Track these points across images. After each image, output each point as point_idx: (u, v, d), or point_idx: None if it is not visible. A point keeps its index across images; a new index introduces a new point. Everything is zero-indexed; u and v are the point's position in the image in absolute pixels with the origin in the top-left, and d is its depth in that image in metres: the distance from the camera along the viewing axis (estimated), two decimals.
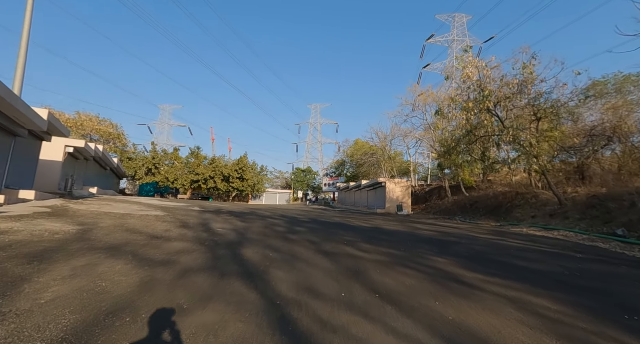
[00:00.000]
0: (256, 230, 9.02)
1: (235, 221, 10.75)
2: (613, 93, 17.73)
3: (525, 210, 14.74)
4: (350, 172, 55.48)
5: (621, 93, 17.44)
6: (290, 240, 7.42)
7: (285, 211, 20.39)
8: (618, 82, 17.75)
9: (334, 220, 14.27)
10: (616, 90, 17.59)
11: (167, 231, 7.15)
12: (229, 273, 4.20)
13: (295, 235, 8.46)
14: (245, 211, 16.17)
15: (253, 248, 6.11)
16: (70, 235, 5.52)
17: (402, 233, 10.25)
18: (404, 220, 17.14)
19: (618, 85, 17.58)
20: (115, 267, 3.95)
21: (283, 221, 12.34)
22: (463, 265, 5.46)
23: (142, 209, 11.98)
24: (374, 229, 11.16)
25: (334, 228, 10.73)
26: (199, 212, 13.11)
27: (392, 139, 34.26)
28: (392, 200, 27.33)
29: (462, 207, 21.54)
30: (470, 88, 14.45)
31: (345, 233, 9.36)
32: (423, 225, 13.45)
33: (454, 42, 71.65)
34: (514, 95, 13.12)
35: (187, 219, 10.10)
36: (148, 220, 8.70)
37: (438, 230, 11.64)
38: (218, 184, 40.38)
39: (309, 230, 9.74)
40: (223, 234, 7.59)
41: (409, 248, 7.08)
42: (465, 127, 14.41)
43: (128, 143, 40.18)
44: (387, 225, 13.09)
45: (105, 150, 21.89)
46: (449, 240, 8.69)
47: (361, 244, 7.39)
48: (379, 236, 8.98)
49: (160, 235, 6.60)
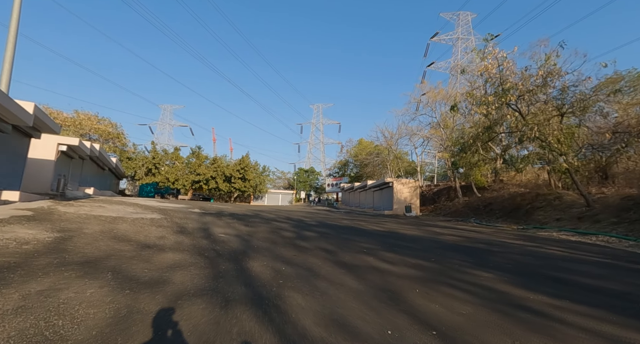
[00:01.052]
0: (262, 235, 8.10)
1: (239, 226, 9.83)
2: (627, 90, 16.62)
3: (548, 213, 13.74)
4: (354, 172, 54.50)
5: (635, 91, 16.33)
6: (302, 249, 6.49)
7: (290, 213, 19.47)
8: (632, 79, 16.67)
9: (344, 224, 13.33)
10: (630, 87, 16.48)
11: (161, 239, 6.23)
12: (235, 298, 3.27)
13: (306, 241, 7.53)
14: (248, 214, 15.25)
15: (261, 259, 5.19)
16: (43, 246, 4.61)
17: (422, 239, 9.29)
18: (417, 223, 16.17)
19: (633, 82, 16.48)
20: (86, 292, 3.02)
21: (289, 225, 11.42)
22: (515, 283, 4.51)
23: (138, 212, 11.07)
24: (390, 234, 10.21)
25: (346, 233, 9.79)
26: (199, 215, 12.20)
27: (399, 138, 33.29)
28: (400, 201, 26.35)
29: (475, 209, 20.54)
30: (489, 82, 13.49)
31: (361, 239, 8.43)
32: (440, 229, 12.49)
33: (459, 40, 70.72)
34: (538, 88, 12.15)
35: (186, 223, 9.19)
36: (141, 225, 7.79)
37: (459, 234, 10.67)
38: (220, 185, 39.49)
39: (320, 236, 8.82)
40: (225, 241, 6.67)
41: (439, 259, 6.14)
42: (484, 123, 13.43)
43: (128, 143, 39.38)
44: (403, 229, 12.14)
45: (102, 149, 21.04)
46: (478, 248, 7.73)
47: (383, 253, 6.45)
48: (399, 243, 8.03)
49: (153, 244, 5.68)
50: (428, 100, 26.57)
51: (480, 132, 13.95)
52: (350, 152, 55.01)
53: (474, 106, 13.35)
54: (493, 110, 12.44)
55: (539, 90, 12.17)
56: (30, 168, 12.76)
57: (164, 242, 5.95)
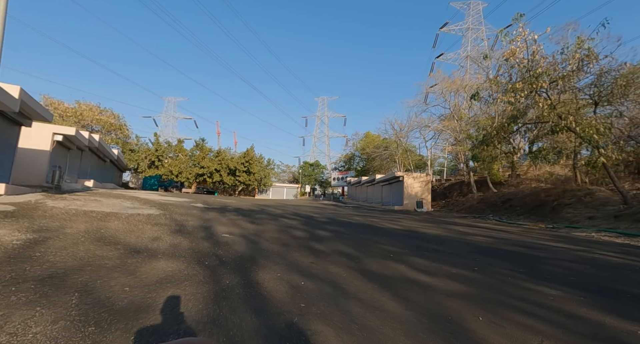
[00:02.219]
0: (271, 235, 7.19)
1: (244, 223, 8.93)
2: None
3: (578, 210, 12.65)
4: (361, 166, 53.38)
5: None
6: (318, 253, 5.56)
7: (297, 208, 18.59)
8: None
9: (356, 221, 12.38)
10: None
11: (155, 241, 5.33)
12: (243, 339, 2.33)
13: (321, 243, 6.60)
14: (254, 209, 14.38)
15: (273, 269, 4.26)
16: (3, 252, 3.72)
17: (449, 240, 8.31)
18: (433, 220, 15.18)
19: None
20: (27, 333, 2.10)
21: (299, 222, 10.51)
22: (599, 306, 3.53)
23: (135, 206, 10.23)
24: (411, 234, 9.24)
25: (362, 232, 8.85)
26: (202, 210, 11.34)
27: (410, 131, 32.00)
28: (411, 196, 25.32)
29: (492, 205, 19.46)
30: (514, 67, 12.27)
31: (381, 241, 7.48)
32: (463, 227, 11.49)
33: (469, 30, 68.53)
34: (573, 73, 10.94)
35: (186, 220, 8.32)
36: (135, 223, 6.91)
37: (487, 234, 9.67)
38: (224, 178, 38.69)
39: (334, 235, 7.89)
40: (230, 243, 5.76)
41: (482, 267, 5.16)
42: (511, 112, 12.26)
43: (131, 134, 38.60)
44: (421, 227, 11.17)
45: (102, 140, 20.23)
46: (519, 252, 6.74)
47: (413, 259, 5.50)
48: (425, 246, 7.07)
49: (144, 248, 4.78)
50: (442, 91, 25.23)
51: (505, 122, 12.76)
52: (356, 145, 53.81)
53: (500, 94, 12.18)
54: (522, 98, 11.27)
55: (573, 75, 10.95)
56: (22, 159, 11.96)
57: (157, 245, 5.05)
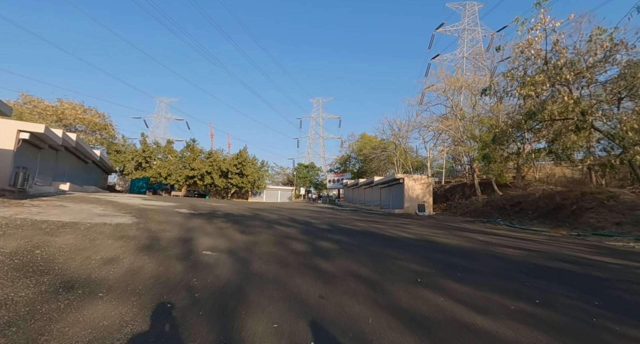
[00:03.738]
0: (265, 249, 5.88)
1: (234, 233, 7.59)
2: None
3: (602, 215, 11.61)
4: (357, 167, 52.23)
5: None
6: (327, 278, 4.26)
7: (293, 212, 17.28)
8: None
9: (360, 227, 11.12)
10: None
11: (107, 265, 3.98)
12: None
13: (327, 260, 5.31)
14: (246, 214, 13.03)
15: (267, 311, 2.96)
16: None
17: (474, 252, 7.09)
18: (441, 225, 14.00)
19: None
20: None
21: (297, 230, 9.21)
22: None
23: (107, 213, 8.81)
24: (427, 244, 8.01)
25: (371, 243, 7.59)
26: (186, 217, 9.95)
27: (410, 131, 30.93)
28: (412, 199, 24.19)
29: (500, 208, 18.41)
30: (532, 59, 11.23)
31: (397, 255, 6.22)
32: (478, 235, 10.31)
33: (465, 31, 68.42)
34: (601, 63, 9.93)
35: (163, 230, 6.94)
36: (95, 236, 5.52)
37: (512, 244, 8.49)
38: (215, 180, 37.11)
39: (341, 248, 6.61)
40: (211, 265, 4.43)
41: (543, 299, 3.91)
42: (530, 107, 11.18)
43: (117, 134, 36.74)
44: (434, 234, 9.95)
45: (81, 140, 18.62)
46: (568, 270, 5.54)
47: (448, 284, 4.24)
48: (452, 261, 5.83)
49: (85, 279, 3.42)
50: (444, 89, 24.19)
51: (522, 119, 11.69)
52: (352, 146, 52.64)
53: (518, 87, 11.11)
54: (544, 92, 10.22)
55: (601, 65, 9.94)
56: None
57: (107, 273, 3.69)
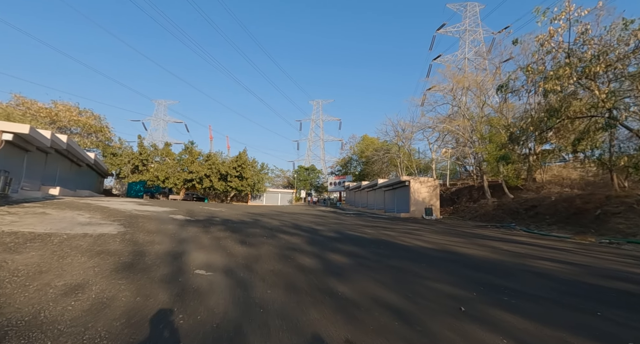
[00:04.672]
0: (268, 266, 5.00)
1: (232, 244, 6.71)
2: None
3: (632, 221, 10.73)
4: (359, 170, 51.36)
5: None
6: (346, 307, 3.38)
7: (295, 217, 16.40)
8: None
9: (370, 235, 10.24)
10: None
11: (69, 295, 3.09)
12: None
13: (343, 281, 4.43)
14: (246, 220, 12.14)
15: None
16: None
17: (507, 267, 6.21)
18: (455, 231, 13.11)
19: None
20: None
21: (303, 239, 8.33)
22: None
23: (92, 221, 7.92)
24: (450, 256, 7.13)
25: (388, 255, 6.71)
26: (180, 224, 9.06)
27: (416, 132, 30.05)
28: (418, 203, 23.30)
29: (513, 212, 17.53)
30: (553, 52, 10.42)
31: (423, 271, 5.35)
32: (501, 243, 9.42)
33: (467, 32, 68.00)
34: (634, 54, 9.12)
35: (151, 242, 6.06)
36: (66, 252, 4.64)
37: (545, 255, 7.61)
38: (214, 183, 36.16)
39: (356, 263, 5.73)
40: (204, 292, 3.54)
41: (626, 331, 3.04)
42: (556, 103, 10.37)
43: (113, 137, 35.82)
44: (453, 243, 9.06)
45: (72, 142, 17.76)
46: (631, 291, 4.66)
47: (498, 314, 3.36)
48: (488, 280, 4.95)
49: (30, 321, 2.54)
50: (453, 87, 23.38)
51: (544, 116, 10.85)
52: (354, 148, 51.81)
53: (541, 82, 10.31)
54: (571, 86, 9.44)
55: (634, 56, 9.13)
56: None
57: (65, 308, 2.81)
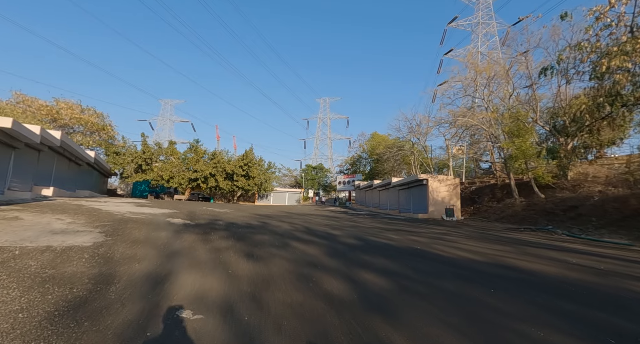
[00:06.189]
0: (283, 297, 3.56)
1: (235, 259, 5.30)
2: None
3: None
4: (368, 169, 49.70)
5: None
6: None
7: (305, 219, 15.01)
8: None
9: (396, 241, 8.73)
10: None
11: None
12: None
13: (398, 328, 2.96)
14: (253, 223, 10.76)
15: None
16: None
17: (596, 290, 4.65)
18: (490, 235, 11.51)
19: None
20: None
21: (320, 249, 6.88)
22: None
23: (70, 228, 6.60)
24: (511, 273, 5.58)
25: (436, 275, 5.22)
26: (176, 231, 7.71)
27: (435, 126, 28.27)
28: (437, 202, 21.66)
29: (547, 214, 15.81)
30: (612, 26, 8.78)
31: (494, 301, 3.85)
32: (557, 253, 7.82)
33: (479, 25, 65.48)
34: None
35: (131, 259, 4.69)
36: (14, 276, 3.27)
37: (630, 272, 6.01)
38: (220, 183, 35.01)
39: (400, 290, 4.26)
40: None
41: None
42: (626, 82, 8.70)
43: (116, 135, 34.97)
44: (499, 253, 7.50)
45: (68, 138, 16.65)
46: None
47: None
48: (585, 315, 3.43)
49: None
50: (476, 76, 21.61)
51: (605, 101, 9.18)
52: (363, 146, 50.13)
53: (604, 59, 8.70)
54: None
55: None
56: None
57: None
